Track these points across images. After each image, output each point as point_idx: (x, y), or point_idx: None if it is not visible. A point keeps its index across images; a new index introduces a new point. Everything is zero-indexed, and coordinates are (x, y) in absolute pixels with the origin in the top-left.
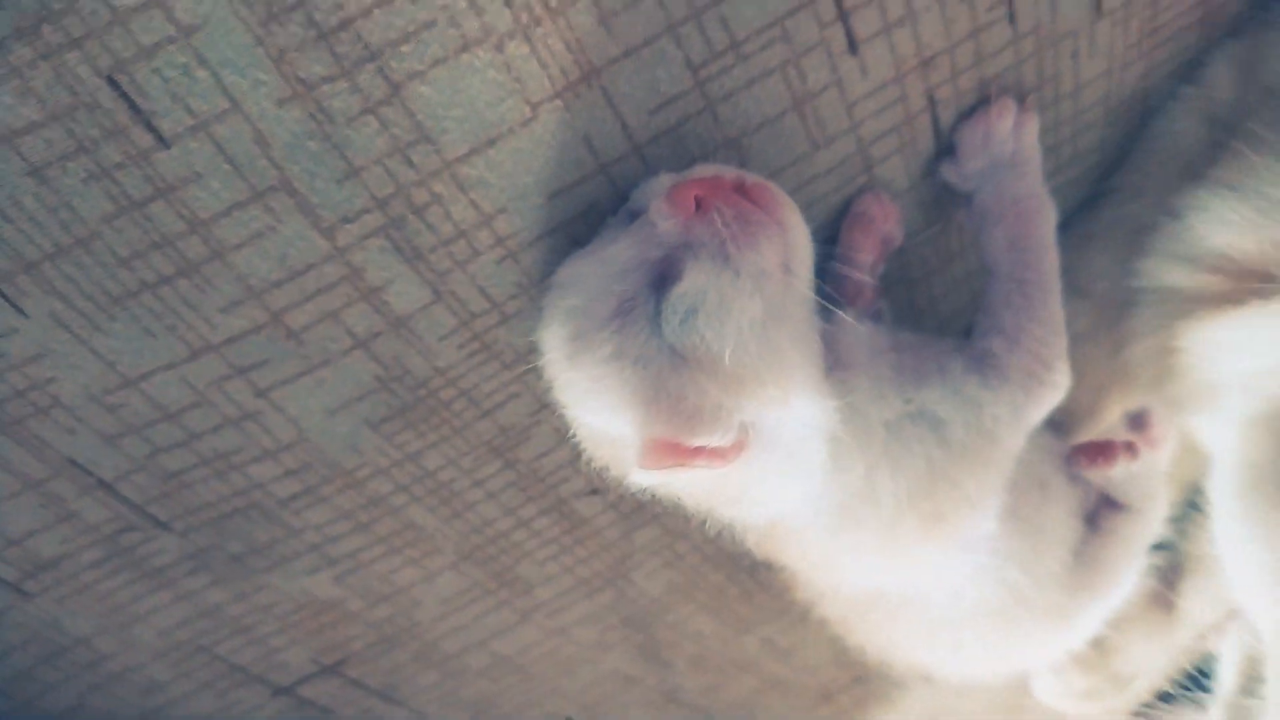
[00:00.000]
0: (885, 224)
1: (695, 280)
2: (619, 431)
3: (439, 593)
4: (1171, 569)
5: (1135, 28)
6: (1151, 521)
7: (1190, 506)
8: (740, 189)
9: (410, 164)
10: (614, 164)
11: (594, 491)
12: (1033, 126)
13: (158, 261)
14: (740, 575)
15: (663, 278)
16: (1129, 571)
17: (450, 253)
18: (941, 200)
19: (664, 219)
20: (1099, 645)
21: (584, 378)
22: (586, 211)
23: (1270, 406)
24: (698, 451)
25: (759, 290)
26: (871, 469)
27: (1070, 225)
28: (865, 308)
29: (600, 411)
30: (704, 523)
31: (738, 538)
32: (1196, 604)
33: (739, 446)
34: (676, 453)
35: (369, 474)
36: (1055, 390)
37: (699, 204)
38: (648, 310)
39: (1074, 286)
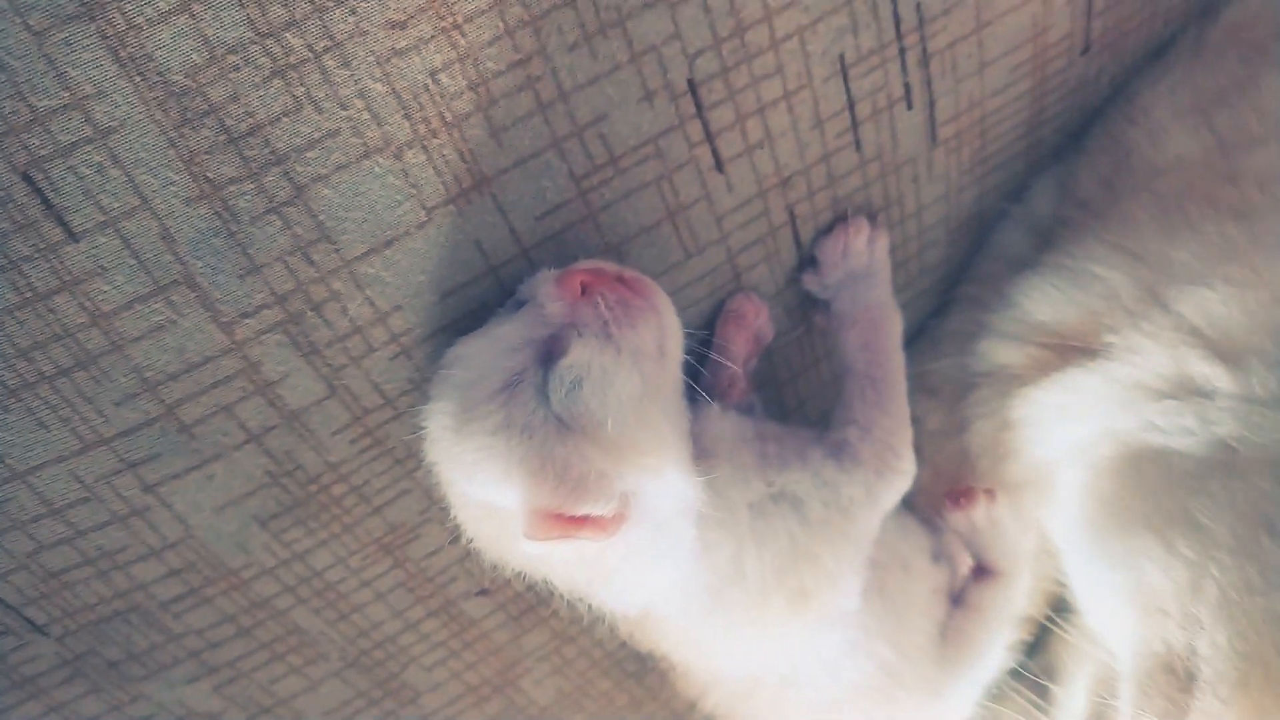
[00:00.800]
0: (757, 320)
1: (580, 354)
2: (504, 503)
3: (322, 703)
4: (1044, 672)
5: (967, 155)
6: (1014, 590)
7: (1056, 610)
8: (620, 280)
9: (310, 261)
10: (503, 266)
11: (483, 592)
12: (884, 243)
13: (57, 353)
14: (628, 682)
15: (549, 354)
16: (995, 644)
17: (345, 348)
18: (804, 306)
19: (552, 301)
20: None
21: (472, 448)
22: (477, 310)
23: (1109, 457)
24: (582, 521)
25: (637, 367)
26: (739, 548)
27: (922, 332)
28: (738, 400)
29: (487, 483)
30: (592, 626)
31: (621, 636)
32: (1073, 704)
33: (620, 518)
34: (562, 522)
35: (255, 574)
36: (903, 476)
37: (584, 289)
38: (535, 383)
39: (926, 387)
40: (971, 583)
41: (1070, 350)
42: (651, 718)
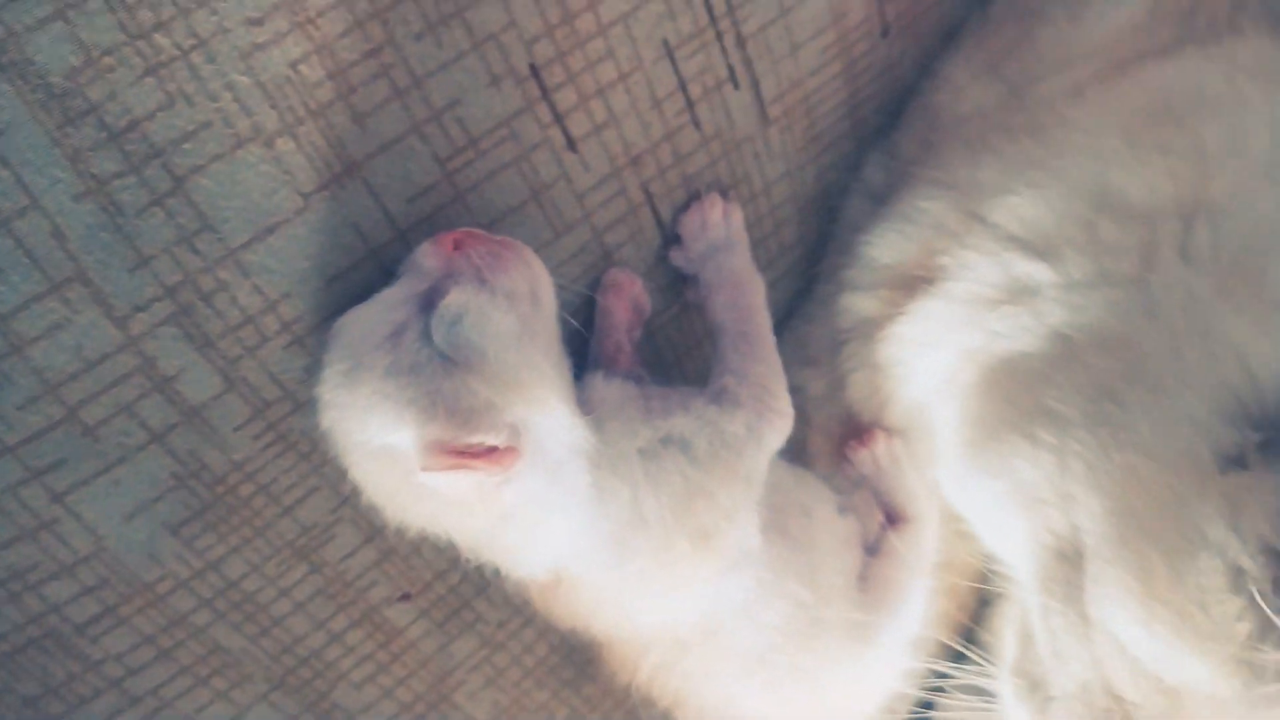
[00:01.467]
0: (632, 288)
1: (458, 296)
2: (399, 444)
3: None
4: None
5: (799, 134)
6: (926, 534)
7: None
8: (490, 241)
9: (196, 251)
10: (382, 249)
11: (404, 597)
12: (738, 214)
13: None
14: (565, 692)
15: (429, 303)
16: (915, 589)
17: (239, 339)
18: (676, 285)
19: (428, 257)
20: None
21: (363, 395)
22: (363, 295)
23: (970, 382)
24: (475, 452)
25: (513, 308)
26: (634, 492)
27: (795, 308)
28: (625, 369)
29: (381, 428)
30: (520, 630)
31: (550, 643)
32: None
33: (512, 453)
34: (455, 453)
35: (170, 588)
36: (782, 416)
37: (457, 245)
38: (419, 328)
39: (804, 358)
40: (884, 533)
41: (915, 281)
42: None
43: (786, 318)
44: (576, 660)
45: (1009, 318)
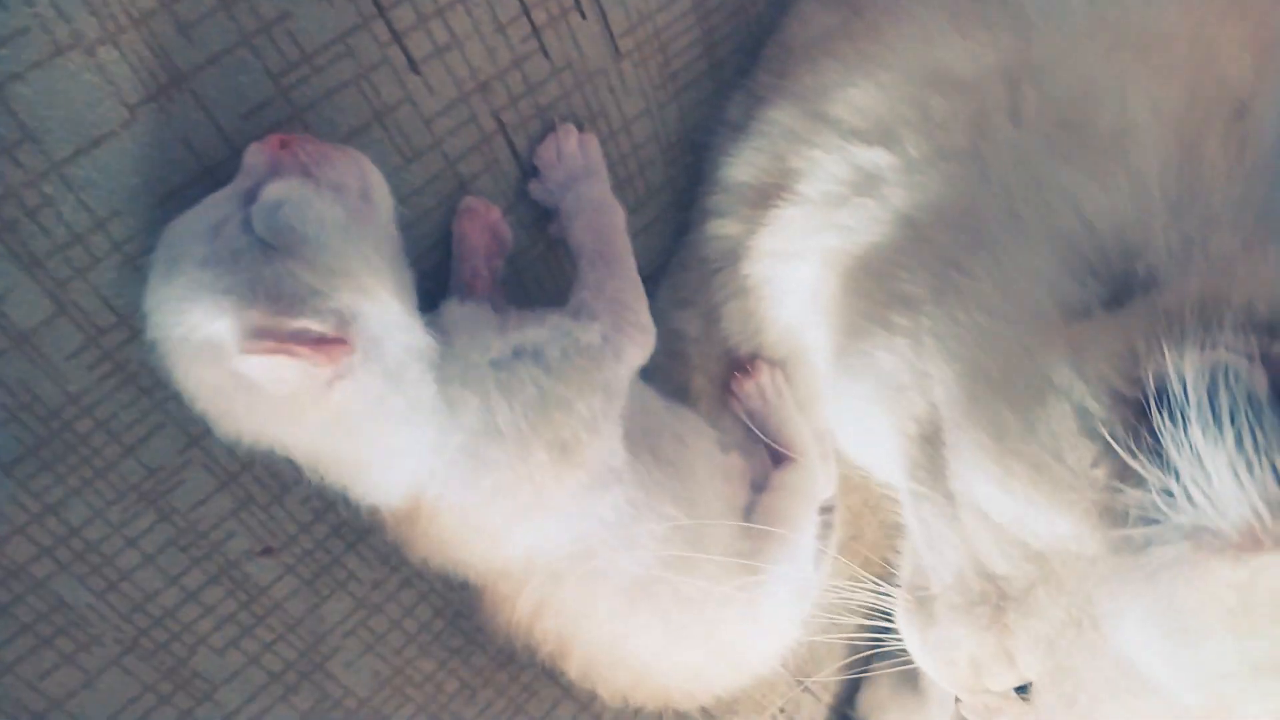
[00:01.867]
0: (489, 215)
1: (280, 185)
2: (220, 336)
3: (103, 702)
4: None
5: (654, 71)
6: (813, 470)
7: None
8: (320, 143)
9: (18, 164)
10: (217, 166)
11: (266, 551)
12: (595, 144)
13: None
14: (454, 662)
15: (252, 197)
16: (802, 522)
17: (68, 259)
18: (540, 222)
19: (253, 155)
20: None
21: (181, 285)
22: None
23: (832, 293)
24: (299, 338)
25: (338, 199)
26: (485, 402)
27: (671, 252)
28: (482, 295)
29: (200, 319)
30: (398, 591)
31: (433, 606)
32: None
33: (341, 344)
34: (276, 335)
35: (4, 534)
36: (642, 330)
37: (284, 145)
38: (240, 220)
39: (679, 301)
40: (773, 471)
41: (772, 193)
42: (489, 706)
43: (662, 265)
44: (465, 627)
45: (858, 210)
